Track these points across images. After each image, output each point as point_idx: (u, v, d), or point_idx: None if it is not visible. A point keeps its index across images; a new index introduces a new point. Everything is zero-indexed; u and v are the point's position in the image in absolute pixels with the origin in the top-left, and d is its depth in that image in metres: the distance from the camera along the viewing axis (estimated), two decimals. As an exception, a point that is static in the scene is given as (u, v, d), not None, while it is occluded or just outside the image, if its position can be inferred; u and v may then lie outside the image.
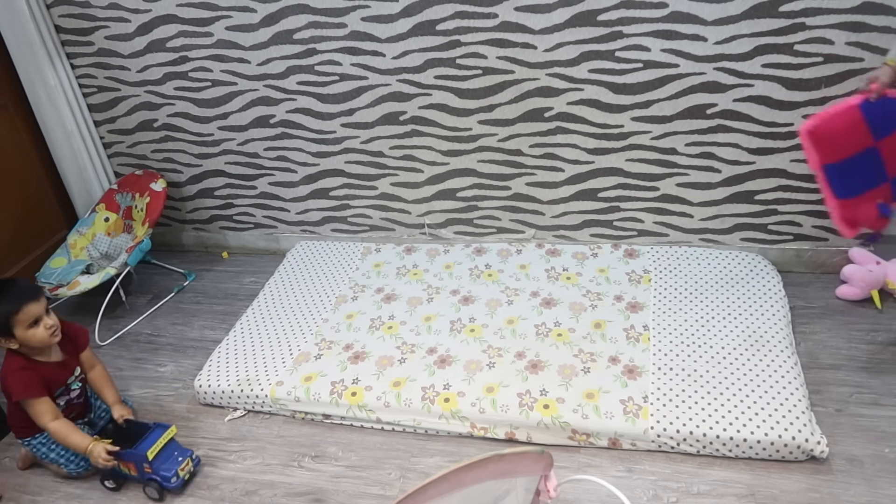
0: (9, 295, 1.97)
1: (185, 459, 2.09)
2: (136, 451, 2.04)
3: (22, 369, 2.02)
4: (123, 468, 2.10)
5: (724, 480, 1.90)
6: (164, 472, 2.05)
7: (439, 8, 2.43)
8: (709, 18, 2.26)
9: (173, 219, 3.32)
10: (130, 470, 2.09)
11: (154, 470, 2.05)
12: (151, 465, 2.05)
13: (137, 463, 2.06)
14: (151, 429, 2.12)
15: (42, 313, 2.01)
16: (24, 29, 2.73)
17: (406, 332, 2.47)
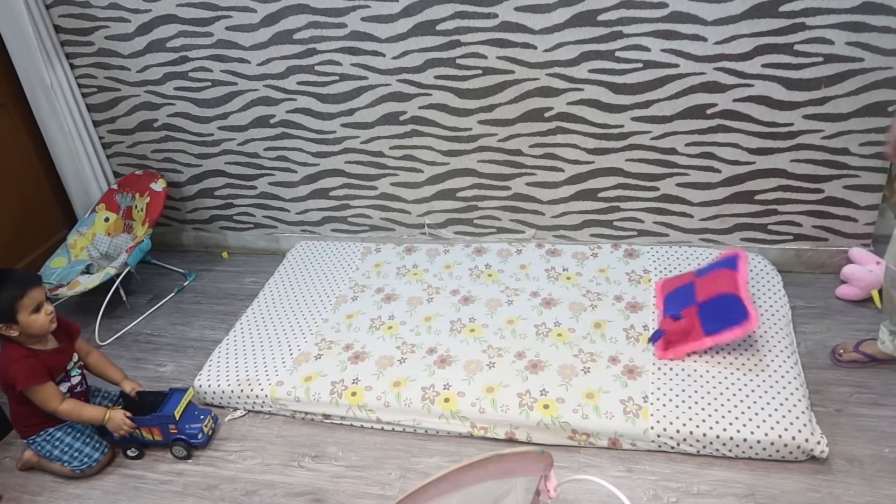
0: (13, 280, 2.00)
1: (206, 417, 2.20)
2: (163, 413, 2.14)
3: (24, 358, 2.03)
4: (146, 435, 2.18)
5: (724, 480, 1.90)
6: (190, 430, 2.16)
7: (439, 8, 2.43)
8: (709, 18, 2.26)
9: (173, 219, 3.32)
10: (154, 435, 2.18)
11: (180, 430, 2.16)
12: (177, 426, 2.15)
13: (162, 426, 2.15)
14: (170, 393, 2.22)
15: (43, 299, 2.05)
16: (22, 29, 2.73)
17: (406, 332, 2.47)
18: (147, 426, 2.17)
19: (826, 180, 2.47)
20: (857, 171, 2.42)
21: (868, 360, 2.18)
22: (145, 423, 2.16)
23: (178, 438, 2.18)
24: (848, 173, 2.44)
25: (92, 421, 2.14)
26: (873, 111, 2.29)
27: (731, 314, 2.12)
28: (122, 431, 2.13)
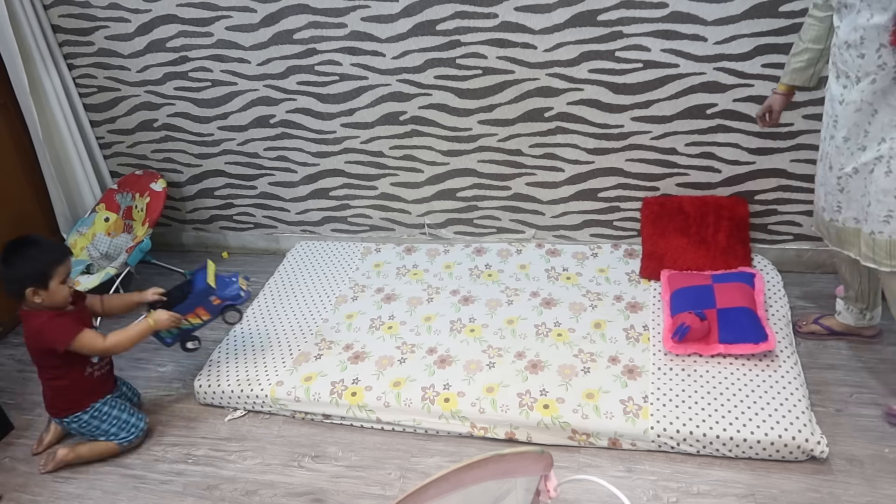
0: (51, 247, 2.04)
1: (237, 278, 2.26)
2: (199, 289, 2.18)
3: (53, 318, 2.03)
4: (193, 321, 2.22)
5: (724, 480, 1.90)
6: (231, 292, 2.23)
7: (439, 8, 2.43)
8: (709, 18, 2.26)
9: (173, 219, 3.32)
10: (201, 317, 2.22)
11: (222, 298, 2.21)
12: (218, 295, 2.20)
13: (205, 303, 2.20)
14: (192, 276, 2.26)
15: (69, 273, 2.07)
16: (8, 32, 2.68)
17: (406, 332, 2.47)
18: (191, 311, 2.20)
19: (826, 180, 2.47)
20: (857, 171, 2.42)
21: (827, 332, 2.28)
22: (188, 308, 2.19)
23: (226, 306, 2.24)
24: (848, 173, 2.44)
25: (142, 335, 2.14)
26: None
27: (749, 330, 2.14)
28: (174, 324, 2.17)
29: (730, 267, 2.49)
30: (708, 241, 2.53)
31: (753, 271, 2.41)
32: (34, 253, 2.00)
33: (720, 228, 2.52)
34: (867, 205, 1.80)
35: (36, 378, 2.63)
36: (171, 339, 2.27)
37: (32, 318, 2.04)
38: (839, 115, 1.79)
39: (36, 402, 2.54)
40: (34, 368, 2.68)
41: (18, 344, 2.87)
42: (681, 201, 2.57)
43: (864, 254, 1.86)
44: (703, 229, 2.54)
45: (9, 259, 1.99)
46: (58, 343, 2.03)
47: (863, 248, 1.86)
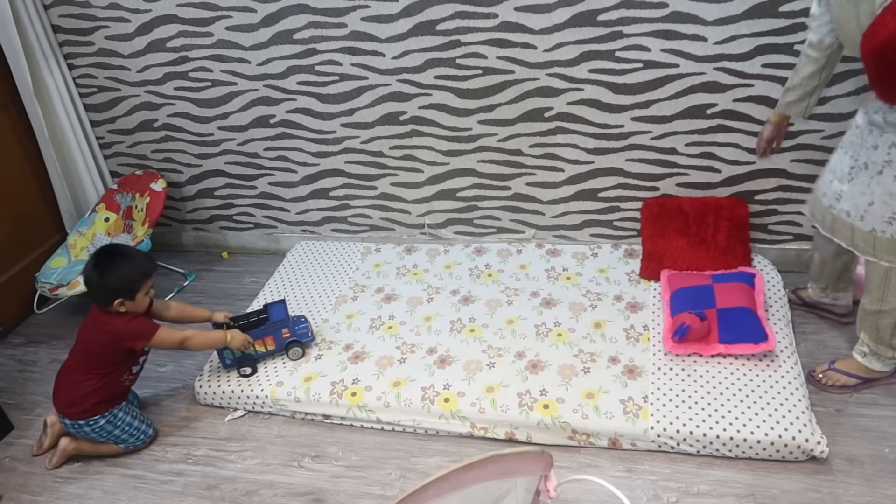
0: (140, 261, 2.12)
1: (306, 321, 2.42)
2: (274, 319, 2.35)
3: (132, 318, 2.12)
4: (259, 348, 2.35)
5: (724, 480, 1.90)
6: (302, 330, 2.39)
7: (439, 8, 2.43)
8: (709, 18, 2.26)
9: (173, 219, 3.32)
10: (266, 346, 2.36)
11: (293, 333, 2.37)
12: (290, 329, 2.36)
13: (276, 333, 2.35)
14: (268, 308, 2.43)
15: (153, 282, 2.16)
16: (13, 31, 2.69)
17: (406, 332, 2.47)
18: (260, 338, 2.34)
19: (826, 180, 2.47)
20: (857, 171, 2.42)
21: (799, 302, 2.44)
22: (258, 335, 2.33)
23: (292, 341, 2.37)
24: (848, 173, 2.44)
25: (215, 344, 2.26)
26: (873, 111, 2.29)
27: (749, 330, 2.15)
28: (245, 347, 2.30)
29: (730, 267, 2.49)
30: (708, 241, 2.53)
31: (753, 271, 2.41)
32: (128, 267, 2.08)
33: (720, 229, 2.52)
34: (869, 203, 1.82)
35: (36, 378, 2.64)
36: (230, 361, 2.36)
37: (109, 319, 2.10)
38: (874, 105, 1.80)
39: (36, 402, 2.54)
40: (34, 369, 2.70)
41: (18, 344, 2.87)
42: (680, 202, 2.58)
43: (863, 248, 1.89)
44: (702, 230, 2.54)
45: (102, 268, 2.06)
46: (139, 342, 2.12)
47: (859, 242, 1.89)
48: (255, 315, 2.43)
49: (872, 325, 1.99)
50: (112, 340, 2.11)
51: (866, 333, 2.03)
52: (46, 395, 2.56)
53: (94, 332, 2.13)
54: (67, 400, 2.16)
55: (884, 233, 1.82)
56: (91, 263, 2.08)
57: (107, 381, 2.16)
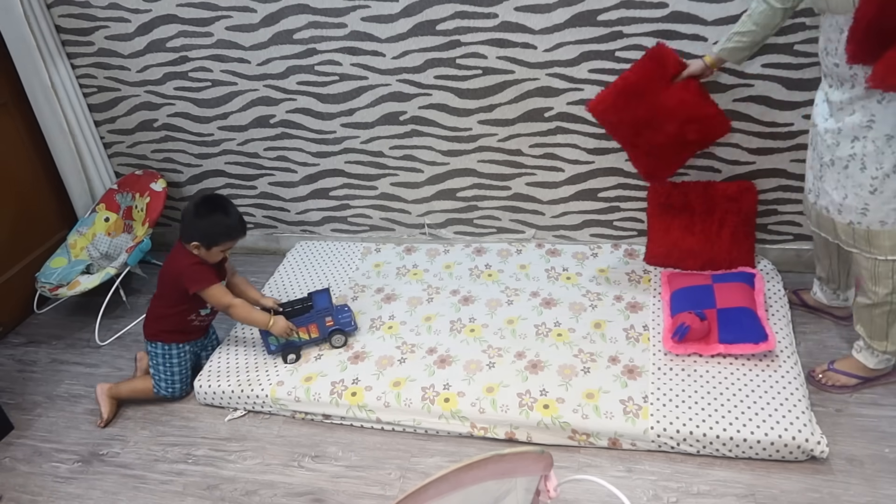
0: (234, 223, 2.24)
1: (349, 310, 2.46)
2: (319, 307, 2.39)
3: (197, 263, 2.24)
4: (303, 336, 2.38)
5: (724, 480, 1.90)
6: (345, 318, 2.43)
7: (439, 8, 2.43)
8: (709, 18, 2.26)
9: (173, 219, 3.32)
10: (310, 333, 2.39)
11: (336, 321, 2.40)
12: (333, 318, 2.38)
13: (319, 321, 2.38)
14: (312, 296, 2.45)
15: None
16: (22, 29, 2.72)
17: (406, 332, 2.47)
18: (304, 326, 2.36)
19: (826, 180, 2.47)
20: (857, 171, 2.42)
21: (799, 303, 2.44)
22: (302, 322, 2.36)
23: (335, 329, 2.40)
24: (848, 173, 2.44)
25: (258, 323, 2.32)
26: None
27: (749, 330, 2.14)
28: (287, 334, 2.33)
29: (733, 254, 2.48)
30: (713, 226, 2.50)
31: (753, 271, 2.41)
32: (219, 220, 2.21)
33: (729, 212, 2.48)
34: (844, 197, 1.88)
35: (36, 378, 2.65)
36: (275, 347, 2.39)
37: (182, 255, 2.25)
38: (824, 109, 1.88)
39: (36, 401, 2.54)
40: (34, 369, 2.71)
41: (18, 344, 2.87)
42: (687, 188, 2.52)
43: (845, 241, 1.94)
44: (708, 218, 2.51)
45: (202, 210, 2.21)
46: (190, 286, 2.23)
47: (841, 235, 1.94)
48: (299, 303, 2.46)
49: (867, 318, 2.01)
50: (175, 276, 2.25)
51: (862, 327, 2.04)
52: (46, 394, 2.56)
53: (168, 264, 2.31)
54: (146, 319, 2.38)
55: (860, 224, 1.87)
56: (196, 200, 2.22)
57: (174, 313, 2.32)
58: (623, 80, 2.21)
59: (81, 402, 2.50)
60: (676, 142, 2.21)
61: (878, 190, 1.80)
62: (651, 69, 2.18)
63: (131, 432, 2.34)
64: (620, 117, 2.23)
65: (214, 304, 2.29)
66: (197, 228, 2.20)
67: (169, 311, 2.32)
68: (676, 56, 2.17)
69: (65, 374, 2.66)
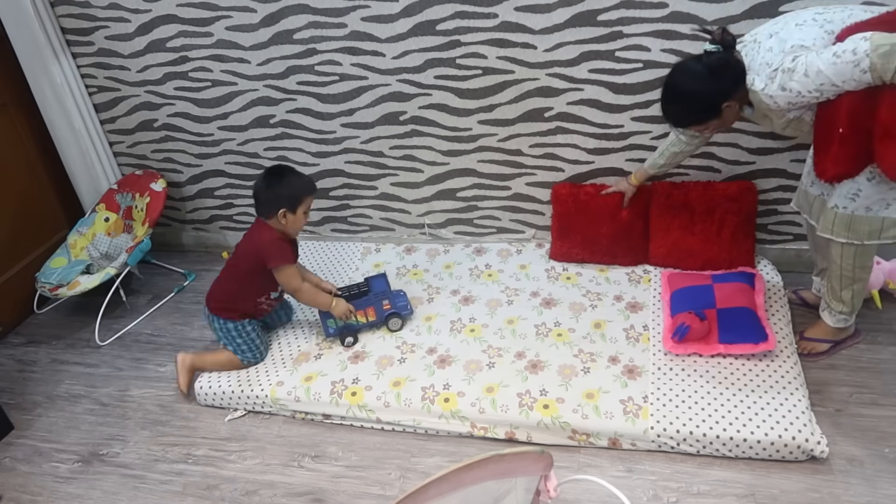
0: (307, 178, 2.30)
1: (405, 294, 2.53)
2: (377, 291, 2.45)
3: (279, 239, 2.28)
4: (360, 319, 2.43)
5: (724, 480, 1.90)
6: (401, 302, 2.49)
7: (439, 8, 2.43)
8: (709, 18, 2.26)
9: (173, 219, 3.32)
10: (368, 316, 2.44)
11: (393, 305, 2.45)
12: (391, 302, 2.45)
13: (377, 305, 2.44)
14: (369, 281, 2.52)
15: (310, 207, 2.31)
16: (28, 27, 2.72)
17: (406, 331, 2.47)
18: (362, 309, 2.42)
19: (826, 180, 2.47)
20: (857, 171, 2.42)
21: (800, 302, 2.45)
22: (361, 305, 2.41)
23: (392, 313, 2.44)
24: (848, 173, 2.44)
25: (322, 304, 2.38)
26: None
27: (749, 331, 2.15)
28: (347, 316, 2.39)
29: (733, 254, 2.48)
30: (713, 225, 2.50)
31: (753, 271, 2.41)
32: (293, 180, 2.26)
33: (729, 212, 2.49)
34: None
35: (36, 378, 2.65)
36: (333, 330, 2.43)
37: (265, 231, 2.29)
38: None
39: (36, 402, 2.54)
40: (34, 369, 2.71)
41: (18, 344, 2.87)
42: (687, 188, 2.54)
43: (823, 226, 1.99)
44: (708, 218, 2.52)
45: (271, 180, 2.25)
46: (270, 260, 2.26)
47: (822, 219, 1.99)
48: (356, 288, 2.51)
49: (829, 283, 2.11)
50: (255, 249, 2.28)
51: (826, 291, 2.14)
52: (46, 394, 2.57)
53: (245, 239, 2.36)
54: (212, 294, 2.40)
55: (845, 209, 1.90)
56: (261, 178, 2.27)
57: (244, 291, 2.35)
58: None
59: (81, 402, 2.50)
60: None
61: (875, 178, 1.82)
62: None
63: (131, 432, 2.34)
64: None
65: (285, 283, 2.32)
66: (278, 196, 2.23)
67: (238, 288, 2.35)
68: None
69: (65, 374, 2.66)
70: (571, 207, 2.63)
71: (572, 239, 2.66)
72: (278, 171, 2.28)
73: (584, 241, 2.64)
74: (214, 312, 2.38)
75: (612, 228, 2.59)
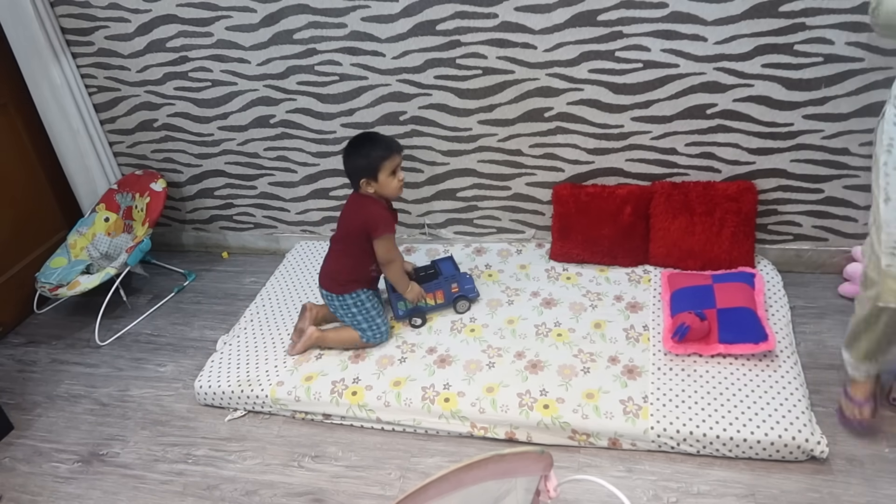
0: (381, 143, 2.25)
1: (471, 277, 2.58)
2: (447, 274, 2.49)
3: (384, 209, 2.30)
4: (429, 301, 2.47)
5: (724, 480, 1.90)
6: (468, 284, 2.53)
7: (439, 8, 2.43)
8: (709, 18, 2.26)
9: (173, 219, 3.32)
10: (437, 299, 2.48)
11: (461, 288, 2.49)
12: (458, 284, 2.48)
13: (446, 288, 2.47)
14: (437, 264, 2.55)
15: (399, 166, 2.27)
16: (28, 27, 2.72)
17: (406, 331, 2.47)
18: (431, 292, 2.46)
19: (826, 180, 2.47)
20: (856, 171, 2.42)
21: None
22: (430, 288, 2.45)
23: (460, 296, 2.49)
24: (848, 173, 2.44)
25: (403, 285, 2.40)
26: (873, 111, 2.29)
27: (749, 330, 2.14)
28: (417, 300, 2.43)
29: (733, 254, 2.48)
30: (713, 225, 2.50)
31: (753, 271, 2.41)
32: (367, 149, 2.23)
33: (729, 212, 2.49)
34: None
35: (36, 378, 2.65)
36: (402, 312, 2.47)
37: (368, 202, 2.28)
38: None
39: (36, 401, 2.54)
40: (34, 369, 2.70)
41: (18, 344, 2.87)
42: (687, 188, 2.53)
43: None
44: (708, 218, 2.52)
45: (348, 151, 2.26)
46: (377, 230, 2.27)
47: None
48: (423, 270, 2.54)
49: None
50: (363, 222, 2.28)
51: None
52: (46, 394, 2.57)
53: (348, 214, 2.35)
54: (327, 273, 2.40)
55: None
56: (345, 148, 2.27)
57: (357, 262, 2.36)
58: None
59: (81, 402, 2.50)
60: None
61: None
62: None
63: (131, 432, 2.34)
64: None
65: (384, 252, 2.31)
66: (355, 166, 2.24)
67: (353, 262, 2.35)
68: None
69: (65, 374, 2.66)
70: (572, 208, 2.63)
71: (573, 239, 2.66)
72: (355, 141, 2.27)
73: (585, 242, 2.64)
74: (338, 291, 2.37)
75: (613, 229, 2.59)
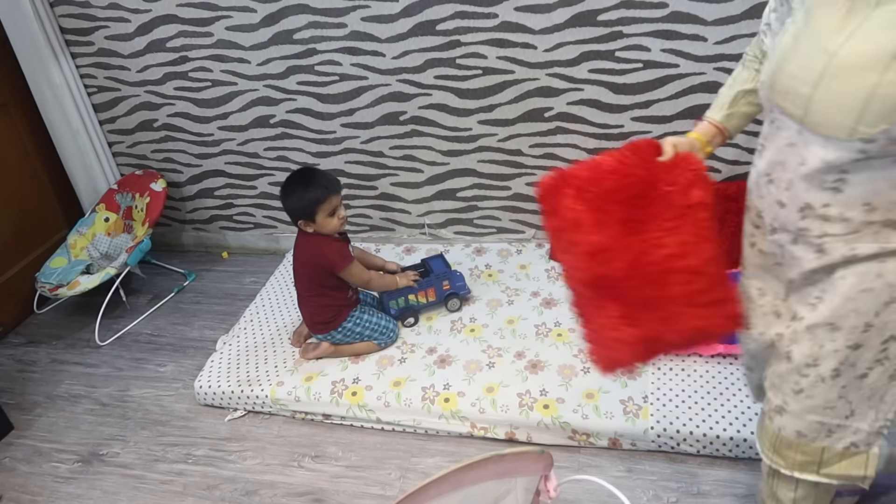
0: (318, 184, 2.19)
1: (462, 274, 2.55)
2: (438, 272, 2.49)
3: (333, 241, 2.27)
4: (421, 299, 2.47)
5: (724, 480, 1.90)
6: (460, 282, 2.53)
7: (439, 8, 2.43)
8: (709, 18, 2.26)
9: (173, 219, 3.32)
10: (428, 297, 2.48)
11: (452, 285, 2.49)
12: (450, 281, 2.48)
13: (437, 286, 2.48)
14: (427, 263, 2.55)
15: (339, 205, 2.24)
16: (28, 27, 2.73)
17: (406, 331, 2.47)
18: (423, 290, 2.46)
19: (826, 180, 2.47)
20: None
21: None
22: (421, 286, 2.46)
23: (451, 293, 2.49)
24: (848, 173, 2.43)
25: (391, 286, 2.42)
26: None
27: None
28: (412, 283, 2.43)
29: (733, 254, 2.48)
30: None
31: None
32: (301, 191, 2.19)
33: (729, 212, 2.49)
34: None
35: (36, 378, 2.65)
36: (395, 311, 2.47)
37: (314, 241, 2.25)
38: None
39: (36, 401, 2.54)
40: (34, 369, 2.70)
41: (18, 344, 2.87)
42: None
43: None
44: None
45: (286, 193, 2.22)
46: (337, 265, 2.26)
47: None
48: (413, 269, 2.53)
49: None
50: (319, 262, 2.26)
51: None
52: (46, 394, 2.57)
53: (300, 257, 2.32)
54: (311, 320, 2.37)
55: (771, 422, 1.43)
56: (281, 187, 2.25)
57: (333, 299, 2.34)
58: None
59: (81, 402, 2.50)
60: None
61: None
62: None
63: (131, 432, 2.34)
64: None
65: (356, 279, 2.31)
66: (290, 207, 2.22)
67: (329, 299, 2.33)
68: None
69: (65, 374, 2.66)
70: None
71: None
72: (292, 179, 2.23)
73: None
74: (325, 331, 2.35)
75: None
